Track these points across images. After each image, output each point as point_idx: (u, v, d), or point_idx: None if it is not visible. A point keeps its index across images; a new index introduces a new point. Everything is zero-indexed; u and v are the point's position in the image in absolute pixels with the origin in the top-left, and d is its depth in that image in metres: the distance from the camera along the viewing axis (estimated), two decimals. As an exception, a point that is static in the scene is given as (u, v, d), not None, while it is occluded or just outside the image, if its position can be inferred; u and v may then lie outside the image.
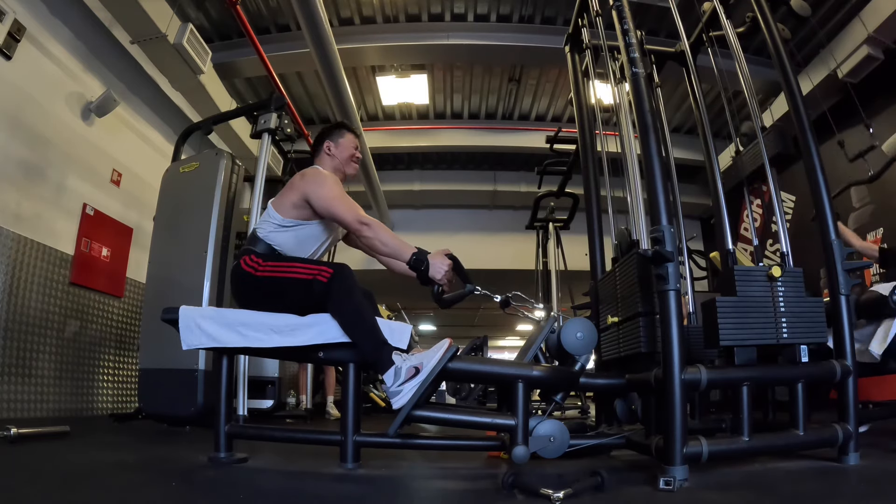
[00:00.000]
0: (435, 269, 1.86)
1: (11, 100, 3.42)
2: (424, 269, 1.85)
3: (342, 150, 2.15)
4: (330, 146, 2.15)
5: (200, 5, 4.80)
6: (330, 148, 2.15)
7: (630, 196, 2.26)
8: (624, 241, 2.26)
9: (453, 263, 1.91)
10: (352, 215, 1.91)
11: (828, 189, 1.98)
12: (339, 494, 1.51)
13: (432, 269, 1.85)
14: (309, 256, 2.04)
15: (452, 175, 7.92)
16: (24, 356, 3.43)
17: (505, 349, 16.74)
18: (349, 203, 1.93)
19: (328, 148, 2.15)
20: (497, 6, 5.08)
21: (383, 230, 1.93)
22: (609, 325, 2.27)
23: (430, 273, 1.85)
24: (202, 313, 1.84)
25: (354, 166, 2.19)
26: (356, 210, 1.92)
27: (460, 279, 1.97)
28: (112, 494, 1.39)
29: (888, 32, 4.21)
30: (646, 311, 1.93)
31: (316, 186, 1.95)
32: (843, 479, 1.61)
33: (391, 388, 1.66)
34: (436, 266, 1.86)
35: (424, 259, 1.86)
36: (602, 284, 2.54)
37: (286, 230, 1.97)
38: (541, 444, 1.64)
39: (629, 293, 2.08)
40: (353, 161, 2.17)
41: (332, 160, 2.14)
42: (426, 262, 1.85)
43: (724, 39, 2.47)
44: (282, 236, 1.97)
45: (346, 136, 2.17)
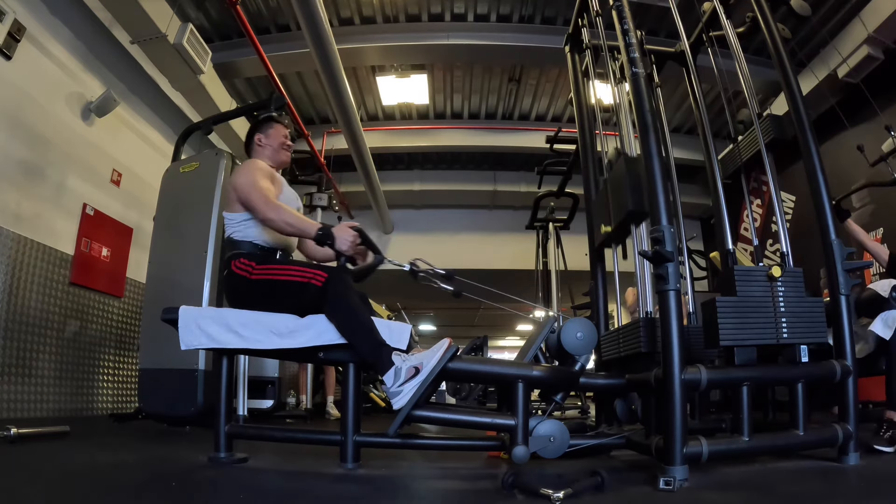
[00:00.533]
0: (341, 241, 1.88)
1: (11, 100, 3.42)
2: (331, 242, 1.88)
3: (272, 140, 2.22)
4: (260, 138, 2.22)
5: (200, 5, 4.80)
6: (261, 140, 2.22)
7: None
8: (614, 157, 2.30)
9: (359, 235, 1.94)
10: (258, 199, 1.92)
11: (828, 189, 1.98)
12: (339, 494, 1.51)
13: (338, 242, 1.88)
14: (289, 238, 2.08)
15: (452, 175, 7.92)
16: (24, 356, 3.43)
17: (505, 349, 16.74)
18: (259, 188, 1.94)
19: (259, 140, 2.23)
20: (497, 6, 5.08)
21: (287, 212, 1.93)
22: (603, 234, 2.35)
23: (337, 245, 1.88)
24: (202, 313, 1.84)
25: (287, 153, 2.26)
26: (264, 195, 1.93)
27: (370, 250, 2.02)
28: (112, 494, 1.39)
29: (888, 32, 4.21)
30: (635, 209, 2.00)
31: (238, 176, 2.01)
32: (843, 479, 1.61)
33: (391, 389, 1.66)
34: (341, 238, 1.88)
35: (330, 232, 1.88)
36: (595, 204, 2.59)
37: (248, 222, 2.00)
38: (541, 444, 1.64)
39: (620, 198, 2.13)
40: (284, 148, 2.24)
41: (265, 150, 2.21)
42: (331, 236, 1.88)
43: (724, 39, 2.47)
44: (252, 230, 2.00)
45: (274, 126, 2.25)
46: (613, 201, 2.26)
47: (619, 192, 2.17)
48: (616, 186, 2.22)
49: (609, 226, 2.26)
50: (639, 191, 1.97)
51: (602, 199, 2.45)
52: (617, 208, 2.20)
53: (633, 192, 2.04)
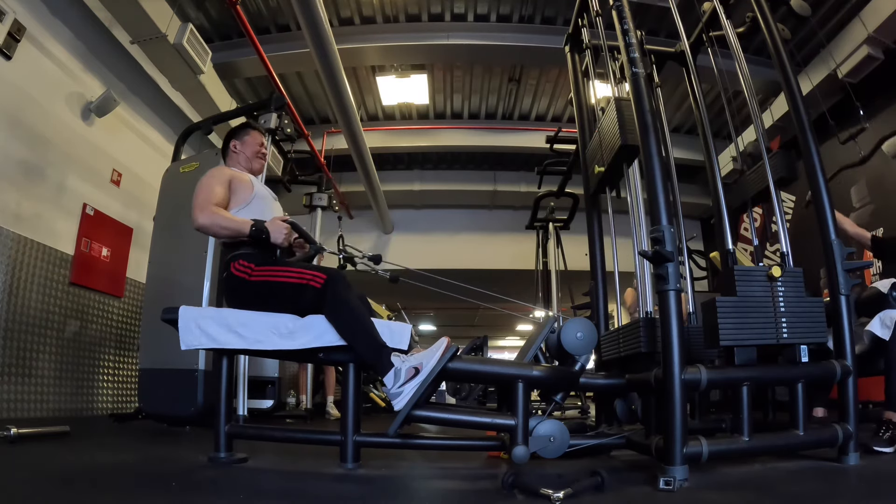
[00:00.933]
0: (276, 234, 1.92)
1: (11, 100, 3.42)
2: (266, 237, 1.90)
3: (247, 147, 2.26)
4: (236, 144, 2.26)
5: (200, 5, 4.80)
6: (236, 146, 2.26)
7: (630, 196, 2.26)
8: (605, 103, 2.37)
9: (291, 226, 1.97)
10: (196, 203, 1.94)
11: (828, 189, 1.98)
12: (339, 494, 1.51)
13: (273, 235, 1.91)
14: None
15: (452, 175, 7.92)
16: (24, 356, 3.43)
17: (505, 349, 16.74)
18: (202, 197, 1.96)
19: (234, 146, 2.26)
20: (497, 6, 5.08)
21: (220, 215, 1.94)
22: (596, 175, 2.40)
23: (272, 238, 1.92)
24: (202, 314, 1.84)
25: (261, 162, 2.30)
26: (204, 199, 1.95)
27: (305, 241, 2.08)
28: (112, 494, 1.39)
29: (888, 32, 4.21)
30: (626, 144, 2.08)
31: (197, 187, 2.02)
32: (843, 479, 1.61)
33: (392, 390, 1.66)
34: (275, 231, 1.92)
35: (263, 228, 1.91)
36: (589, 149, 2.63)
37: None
38: (541, 444, 1.64)
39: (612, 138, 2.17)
40: (258, 157, 2.28)
41: (239, 157, 2.25)
42: (265, 231, 1.91)
43: (724, 39, 2.47)
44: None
45: (250, 133, 2.29)
46: (605, 142, 2.31)
47: (610, 131, 2.24)
48: (607, 128, 2.27)
49: (602, 166, 2.29)
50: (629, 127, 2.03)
51: (595, 145, 2.51)
52: (609, 147, 2.26)
53: (623, 129, 2.09)
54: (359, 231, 7.79)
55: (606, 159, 2.28)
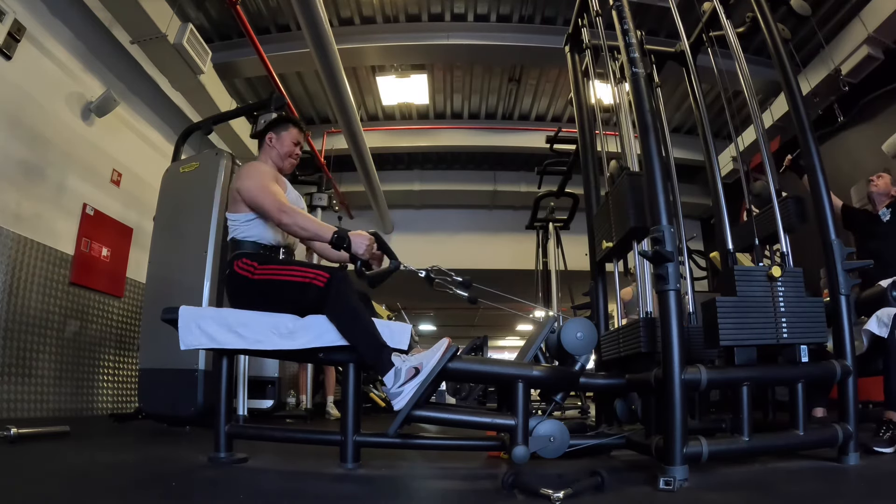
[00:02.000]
0: (357, 245, 1.88)
1: (11, 100, 3.42)
2: (346, 246, 1.87)
3: (282, 144, 2.16)
4: (272, 138, 2.17)
5: (200, 5, 4.80)
6: (272, 140, 2.17)
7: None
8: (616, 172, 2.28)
9: (376, 239, 1.94)
10: (272, 205, 1.92)
11: (828, 189, 1.98)
12: (339, 494, 1.51)
13: (354, 246, 1.88)
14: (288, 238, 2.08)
15: (452, 175, 7.93)
16: (24, 356, 3.43)
17: (505, 349, 16.73)
18: (272, 193, 1.94)
19: (270, 139, 2.17)
20: (497, 6, 5.08)
21: (302, 216, 1.94)
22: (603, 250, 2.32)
23: (353, 249, 1.88)
24: (202, 313, 1.84)
25: (291, 161, 2.20)
26: (277, 198, 1.93)
27: (386, 255, 2.01)
28: (112, 494, 1.39)
29: (888, 32, 4.21)
30: (638, 226, 1.97)
31: (244, 180, 1.99)
32: (843, 479, 1.61)
33: (392, 390, 1.66)
34: (357, 242, 1.88)
35: (346, 237, 1.88)
36: (597, 218, 2.57)
37: (252, 222, 2.00)
38: (541, 444, 1.64)
39: (622, 214, 2.10)
40: (290, 157, 2.18)
41: (271, 152, 2.16)
42: (348, 240, 1.88)
43: (724, 39, 2.46)
44: (255, 229, 2.00)
45: (289, 129, 2.18)
46: (615, 216, 2.22)
47: (621, 207, 2.14)
48: (618, 202, 2.18)
49: (611, 241, 2.23)
50: (641, 207, 1.93)
51: (603, 214, 2.41)
52: (619, 224, 2.17)
53: (635, 209, 2.00)
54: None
55: (616, 235, 2.20)
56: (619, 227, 2.17)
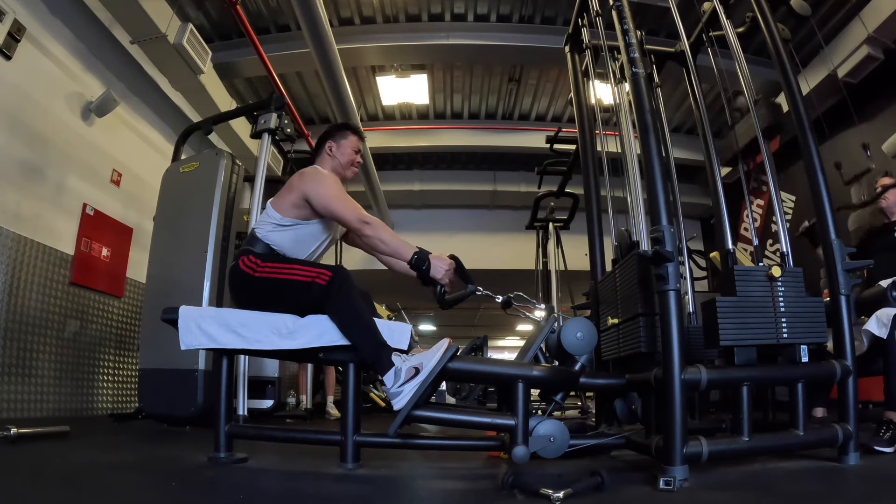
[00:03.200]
0: (436, 269, 1.87)
1: (11, 100, 3.42)
2: (426, 269, 1.86)
3: (343, 153, 2.13)
4: (332, 146, 2.13)
5: (200, 5, 4.80)
6: (332, 148, 2.13)
7: (630, 196, 2.26)
8: (624, 243, 2.27)
9: (455, 264, 1.92)
10: (353, 214, 1.91)
11: (828, 189, 1.97)
12: (339, 494, 1.51)
13: (433, 270, 1.87)
14: (308, 255, 2.03)
15: (452, 175, 7.92)
16: (24, 356, 3.42)
17: (505, 349, 16.73)
18: (350, 202, 1.94)
19: (330, 148, 2.13)
20: (497, 6, 5.08)
21: (384, 229, 1.94)
22: (609, 326, 2.27)
23: (432, 273, 1.87)
24: (202, 313, 1.84)
25: (353, 170, 2.17)
26: (357, 209, 1.93)
27: (462, 280, 1.98)
28: (112, 494, 1.39)
29: (888, 32, 4.21)
30: (646, 311, 1.92)
31: (315, 185, 1.94)
32: (843, 479, 1.61)
33: (391, 390, 1.66)
34: (437, 266, 1.87)
35: (426, 259, 1.86)
36: (602, 285, 2.54)
37: (285, 230, 1.97)
38: (541, 444, 1.64)
39: (629, 294, 2.08)
40: (352, 165, 2.15)
41: (332, 161, 2.12)
42: (427, 262, 1.86)
43: (724, 39, 2.46)
44: (281, 236, 1.97)
45: (348, 137, 2.15)
46: (622, 295, 2.18)
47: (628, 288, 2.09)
48: (626, 281, 2.13)
49: (616, 318, 2.20)
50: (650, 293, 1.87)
51: (609, 286, 2.36)
52: (626, 305, 2.13)
53: (643, 294, 1.94)
54: (359, 231, 7.79)
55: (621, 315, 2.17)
56: (626, 309, 2.12)
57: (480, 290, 1.96)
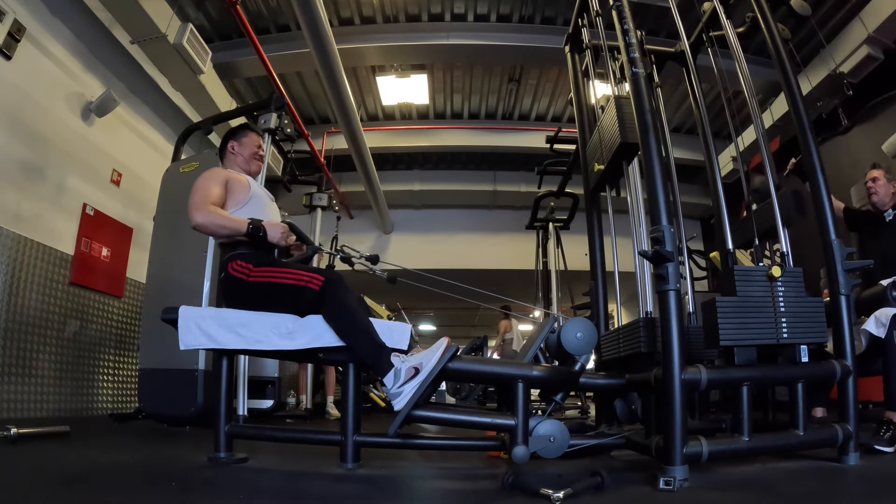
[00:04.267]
0: (273, 233, 1.95)
1: (11, 100, 3.42)
2: (262, 235, 1.93)
3: (244, 149, 2.26)
4: (234, 146, 2.26)
5: (200, 5, 4.80)
6: (234, 147, 2.26)
7: (630, 196, 2.26)
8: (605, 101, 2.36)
9: (290, 227, 2.02)
10: (191, 206, 1.94)
11: (828, 189, 1.98)
12: (339, 494, 1.51)
13: (270, 234, 1.95)
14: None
15: (452, 175, 7.92)
16: (24, 356, 3.42)
17: (505, 349, 16.70)
18: (198, 196, 1.96)
19: (232, 147, 2.26)
20: (497, 6, 5.08)
21: (217, 214, 1.94)
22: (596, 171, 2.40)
23: (270, 237, 1.94)
24: (201, 314, 1.84)
25: (258, 163, 2.31)
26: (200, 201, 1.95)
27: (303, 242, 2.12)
28: (112, 494, 1.39)
29: (888, 32, 4.21)
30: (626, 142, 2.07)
31: (194, 184, 2.02)
32: (843, 479, 1.61)
33: (391, 390, 1.66)
34: (272, 230, 1.95)
35: (260, 226, 1.93)
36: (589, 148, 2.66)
37: None
38: (541, 444, 1.64)
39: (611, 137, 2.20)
40: (255, 158, 2.28)
41: (236, 158, 2.25)
42: (263, 229, 1.93)
43: (724, 39, 2.46)
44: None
45: (248, 135, 2.29)
46: (605, 140, 2.32)
47: (610, 129, 2.24)
48: (607, 126, 2.28)
49: (602, 164, 2.30)
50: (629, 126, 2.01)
51: (595, 143, 2.52)
52: (609, 145, 2.26)
53: (623, 127, 2.09)
54: (359, 231, 7.80)
55: (606, 157, 2.28)
56: (609, 148, 2.25)
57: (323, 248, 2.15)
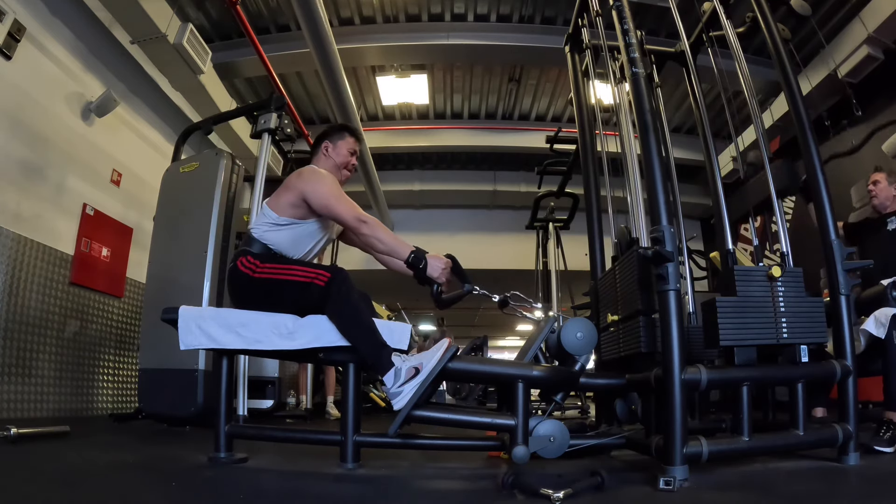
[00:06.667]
0: (433, 268, 1.87)
1: (11, 100, 3.42)
2: (422, 268, 1.86)
3: (339, 154, 2.13)
4: (328, 147, 2.13)
5: (200, 5, 4.80)
6: (328, 149, 2.13)
7: (630, 196, 2.26)
8: (623, 240, 2.27)
9: (452, 263, 1.92)
10: (350, 213, 1.91)
11: (828, 189, 1.98)
12: (339, 494, 1.51)
13: (430, 268, 1.86)
14: (304, 255, 2.04)
15: (452, 175, 7.92)
16: (24, 356, 3.42)
17: (505, 349, 16.73)
18: (347, 201, 1.94)
19: (326, 149, 2.14)
20: (497, 6, 5.08)
21: (381, 228, 1.93)
22: (609, 323, 2.27)
23: (428, 272, 1.86)
24: (201, 314, 1.84)
25: (347, 174, 2.17)
26: (355, 208, 1.93)
27: (458, 279, 1.97)
28: (112, 494, 1.39)
29: (888, 32, 4.21)
30: (646, 309, 1.92)
31: (314, 184, 1.94)
32: (843, 479, 1.61)
33: (391, 390, 1.66)
34: (434, 265, 1.87)
35: (423, 258, 1.86)
36: (602, 283, 2.54)
37: (281, 229, 1.97)
38: (541, 444, 1.64)
39: (629, 292, 2.08)
40: (346, 168, 2.16)
41: (328, 161, 2.12)
42: (424, 261, 1.86)
43: (724, 39, 2.46)
44: (277, 235, 1.97)
45: (345, 138, 2.15)
46: (622, 292, 2.18)
47: (628, 286, 2.09)
48: (626, 279, 2.13)
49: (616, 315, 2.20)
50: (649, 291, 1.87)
51: (609, 283, 2.37)
52: (626, 303, 2.13)
53: (643, 293, 1.94)
54: (359, 231, 7.78)
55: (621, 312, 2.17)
56: (626, 306, 2.12)
57: (477, 289, 1.95)
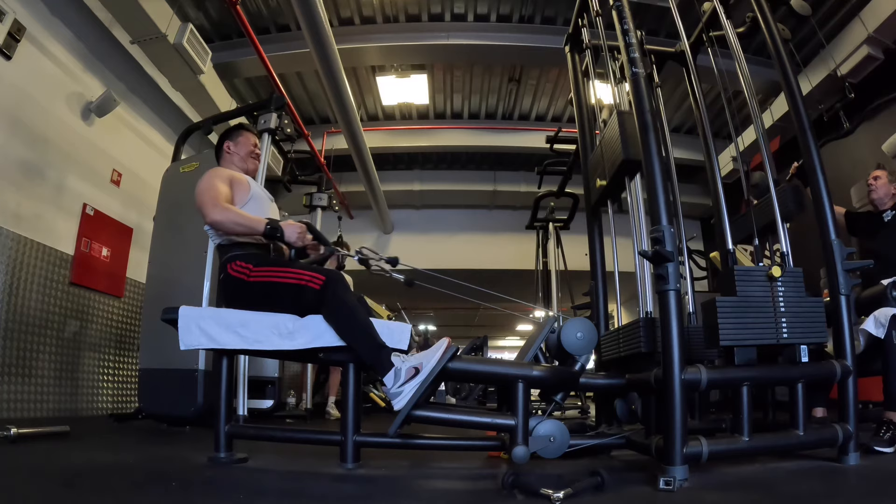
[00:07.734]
0: (290, 234, 1.95)
1: (11, 100, 3.42)
2: (280, 236, 1.93)
3: (240, 148, 2.28)
4: (229, 146, 2.29)
5: (200, 5, 4.80)
6: (230, 147, 2.28)
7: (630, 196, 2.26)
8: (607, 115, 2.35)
9: (308, 228, 2.01)
10: (206, 203, 1.95)
11: (828, 189, 1.98)
12: (339, 494, 1.51)
13: (287, 235, 1.95)
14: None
15: (452, 175, 7.93)
16: (24, 356, 3.42)
17: (505, 349, 16.74)
18: (211, 194, 1.97)
19: (228, 147, 2.29)
20: (497, 6, 5.08)
21: (234, 213, 1.95)
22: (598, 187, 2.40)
23: (286, 237, 1.94)
24: (201, 314, 1.84)
25: (255, 162, 2.33)
26: (214, 197, 1.96)
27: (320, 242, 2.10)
28: (112, 494, 1.39)
29: (888, 32, 4.21)
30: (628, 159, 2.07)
31: (198, 185, 2.04)
32: (843, 479, 1.61)
33: (391, 390, 1.66)
34: (289, 231, 1.95)
35: (278, 227, 1.93)
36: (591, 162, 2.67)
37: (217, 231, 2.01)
38: (541, 444, 1.64)
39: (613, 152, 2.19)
40: (252, 157, 2.31)
41: (233, 157, 2.27)
42: (280, 230, 1.93)
43: (724, 39, 2.46)
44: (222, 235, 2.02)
45: (243, 134, 2.32)
46: (607, 155, 2.31)
47: (612, 145, 2.23)
48: (609, 141, 2.27)
49: (604, 179, 2.29)
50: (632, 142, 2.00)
51: (597, 157, 2.52)
52: (611, 161, 2.25)
53: (625, 143, 2.08)
54: (359, 231, 7.80)
55: (609, 173, 2.27)
56: (611, 164, 2.24)
57: (338, 250, 2.09)
